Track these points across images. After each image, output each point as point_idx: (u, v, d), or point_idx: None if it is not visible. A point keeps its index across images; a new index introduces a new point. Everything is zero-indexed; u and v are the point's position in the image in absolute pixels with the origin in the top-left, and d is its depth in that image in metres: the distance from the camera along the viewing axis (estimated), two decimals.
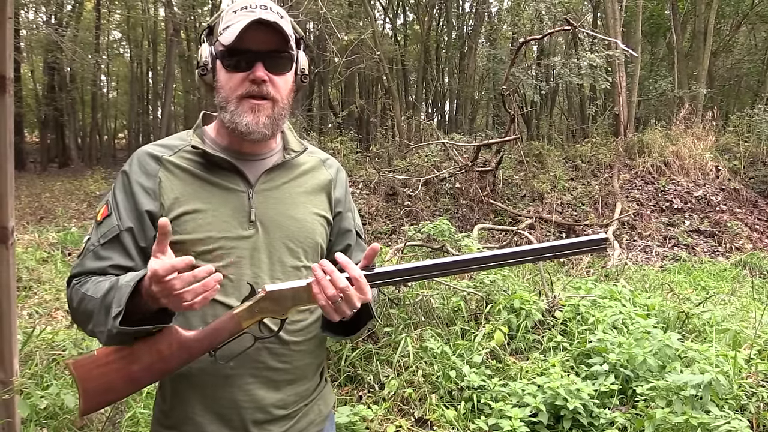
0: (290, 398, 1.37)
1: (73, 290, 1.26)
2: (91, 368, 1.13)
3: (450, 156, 11.26)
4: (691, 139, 12.51)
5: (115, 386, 1.13)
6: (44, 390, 3.08)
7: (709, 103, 17.12)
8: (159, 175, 1.30)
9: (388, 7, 26.25)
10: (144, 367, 1.13)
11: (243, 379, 1.30)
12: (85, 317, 1.21)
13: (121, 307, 1.10)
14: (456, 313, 4.45)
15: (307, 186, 1.43)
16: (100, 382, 1.13)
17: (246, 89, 1.28)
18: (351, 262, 1.20)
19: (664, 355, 3.51)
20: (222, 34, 1.28)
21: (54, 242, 8.11)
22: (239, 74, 1.27)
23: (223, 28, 1.29)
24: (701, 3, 17.07)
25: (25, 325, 4.30)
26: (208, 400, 1.30)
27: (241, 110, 1.28)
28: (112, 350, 1.14)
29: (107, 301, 1.15)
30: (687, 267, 8.66)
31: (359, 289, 1.18)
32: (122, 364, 1.13)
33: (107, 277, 1.24)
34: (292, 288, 1.21)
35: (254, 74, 1.26)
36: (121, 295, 1.11)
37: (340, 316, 1.20)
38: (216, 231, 1.28)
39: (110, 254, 1.26)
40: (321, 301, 1.17)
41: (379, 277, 1.23)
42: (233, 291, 1.28)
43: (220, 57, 1.29)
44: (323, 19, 10.90)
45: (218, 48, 1.29)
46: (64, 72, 24.47)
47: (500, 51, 16.00)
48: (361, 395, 3.62)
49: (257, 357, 1.29)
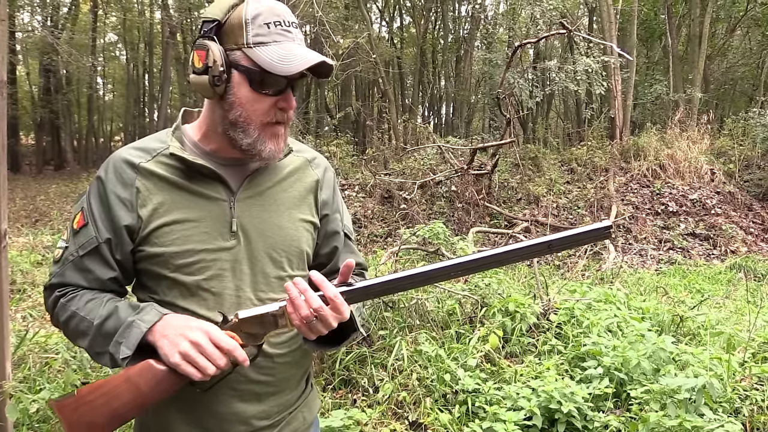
0: (273, 409, 1.34)
1: (58, 304, 1.24)
2: (73, 408, 1.14)
3: (446, 159, 11.28)
4: (687, 142, 12.56)
5: (99, 423, 1.14)
6: (36, 393, 3.06)
7: (704, 107, 17.19)
8: (136, 184, 1.23)
9: (384, 10, 26.30)
10: (124, 403, 1.14)
11: (224, 392, 1.27)
12: (76, 335, 1.22)
13: (131, 352, 1.12)
14: (451, 316, 4.44)
15: (293, 190, 1.36)
16: (84, 420, 1.13)
17: (274, 117, 1.23)
18: (326, 280, 1.15)
19: (658, 358, 3.51)
20: (253, 49, 1.17)
21: (49, 245, 8.08)
22: (269, 98, 1.21)
23: (253, 41, 1.17)
24: (696, 7, 17.15)
25: (18, 328, 4.28)
26: (188, 412, 1.28)
27: (265, 137, 1.23)
28: (92, 389, 1.15)
29: (105, 329, 1.16)
30: (682, 270, 8.68)
31: (335, 308, 1.14)
32: (103, 401, 1.13)
33: (96, 295, 1.23)
34: (265, 313, 1.17)
35: (287, 103, 1.22)
36: (130, 336, 1.14)
37: (316, 336, 1.17)
38: (196, 243, 1.23)
39: (92, 266, 1.23)
40: (295, 321, 1.14)
41: (356, 293, 1.18)
42: (215, 305, 1.25)
43: (246, 73, 1.18)
44: (319, 22, 10.92)
45: (242, 61, 1.18)
46: (60, 74, 24.47)
47: (496, 55, 16.02)
48: (356, 399, 3.61)
49: (239, 371, 1.25)
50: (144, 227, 1.22)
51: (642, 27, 19.25)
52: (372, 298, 1.31)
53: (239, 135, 1.22)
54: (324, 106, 24.53)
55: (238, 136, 1.22)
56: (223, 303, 1.25)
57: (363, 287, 1.19)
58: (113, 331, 1.15)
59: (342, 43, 12.38)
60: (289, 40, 1.19)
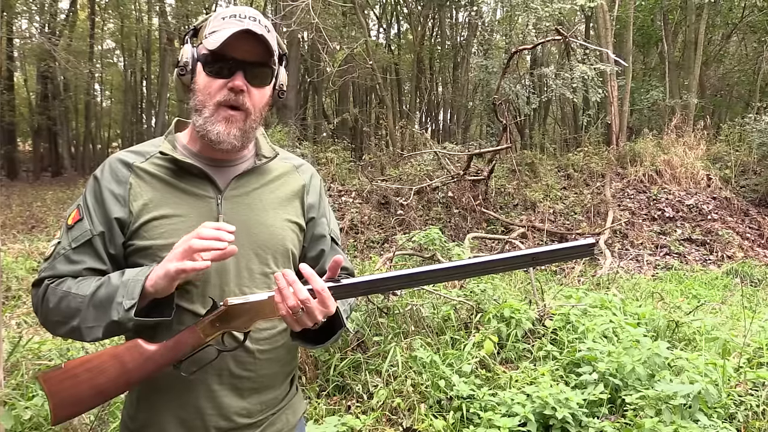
0: (255, 407, 1.36)
1: (48, 290, 1.27)
2: (59, 381, 1.17)
3: (443, 165, 11.29)
4: (683, 148, 12.59)
5: (83, 398, 1.17)
6: (29, 400, 3.05)
7: (701, 113, 17.25)
8: (130, 180, 1.30)
9: (381, 16, 26.38)
10: (110, 379, 1.17)
11: (207, 384, 1.30)
12: (65, 315, 1.23)
13: (135, 300, 1.16)
14: (446, 322, 4.44)
15: (279, 192, 1.42)
16: (68, 394, 1.17)
17: (223, 97, 1.28)
18: (315, 274, 1.19)
19: (654, 363, 3.51)
20: (207, 38, 1.28)
21: (44, 251, 8.06)
22: (219, 80, 1.28)
23: (209, 32, 1.29)
24: (692, 13, 17.21)
25: (12, 335, 4.27)
26: (172, 405, 1.31)
27: (215, 119, 1.29)
28: (79, 363, 1.18)
29: (98, 298, 1.20)
30: (678, 275, 8.69)
31: (321, 302, 1.18)
32: (89, 376, 1.16)
33: (88, 277, 1.26)
34: (253, 301, 1.21)
35: (234, 83, 1.27)
36: (130, 289, 1.17)
37: (301, 327, 1.20)
38: (183, 237, 1.26)
39: (82, 258, 1.27)
40: (282, 311, 1.18)
41: (344, 290, 1.22)
42: (199, 298, 1.28)
43: (202, 60, 1.29)
44: (316, 29, 10.95)
45: (201, 51, 1.29)
46: (57, 81, 24.46)
47: (492, 61, 16.05)
48: (350, 405, 3.60)
49: (221, 363, 1.29)
50: (134, 221, 1.28)
51: (638, 33, 19.32)
52: (358, 296, 1.38)
53: (196, 118, 1.31)
54: (322, 112, 24.56)
55: (196, 121, 1.31)
56: (206, 297, 1.28)
57: (350, 284, 1.23)
58: (106, 298, 1.19)
59: (339, 54, 12.43)
60: (237, 26, 1.26)
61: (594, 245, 1.23)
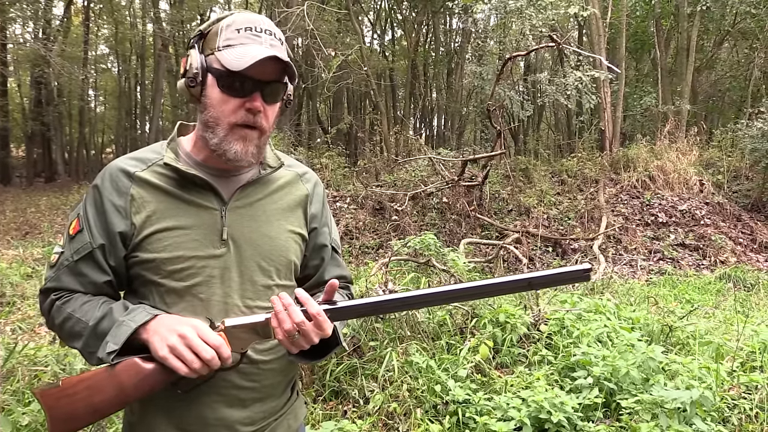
0: (258, 415, 1.36)
1: (54, 307, 1.27)
2: (56, 398, 1.17)
3: (437, 171, 11.32)
4: (676, 153, 12.67)
5: (79, 415, 1.17)
6: (26, 406, 3.05)
7: (693, 119, 17.35)
8: (131, 191, 1.27)
9: (375, 23, 26.46)
10: (106, 398, 1.17)
11: (209, 397, 1.29)
12: (71, 337, 1.24)
13: (117, 347, 1.16)
14: (441, 327, 4.45)
15: (283, 202, 1.40)
16: (64, 411, 1.17)
17: (240, 118, 1.25)
18: (310, 298, 1.19)
19: (648, 367, 3.54)
20: (221, 51, 1.23)
21: (39, 257, 8.04)
22: (236, 100, 1.24)
23: (223, 44, 1.23)
24: (684, 20, 17.34)
25: (7, 341, 4.26)
26: (173, 415, 1.30)
27: (232, 138, 1.26)
28: (77, 381, 1.18)
29: (100, 329, 1.20)
30: (672, 280, 8.73)
31: (317, 325, 1.18)
32: (86, 395, 1.17)
33: (91, 298, 1.26)
34: (250, 323, 1.21)
35: (252, 104, 1.24)
36: (119, 333, 1.17)
37: (298, 350, 1.21)
38: (187, 250, 1.26)
39: (86, 271, 1.26)
40: (279, 335, 1.18)
41: (340, 312, 1.23)
42: (203, 311, 1.27)
43: (215, 75, 1.24)
44: (311, 35, 10.98)
45: (214, 64, 1.24)
46: (51, 86, 24.41)
47: (487, 68, 16.12)
48: (346, 410, 3.60)
49: (224, 376, 1.28)
50: (137, 234, 1.26)
51: (631, 40, 19.44)
52: (353, 318, 1.37)
53: (209, 135, 1.27)
54: (316, 118, 24.59)
55: (208, 136, 1.27)
56: (210, 309, 1.28)
57: (345, 307, 1.23)
58: (108, 331, 1.19)
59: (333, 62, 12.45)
60: (256, 43, 1.23)
61: (590, 270, 1.25)
